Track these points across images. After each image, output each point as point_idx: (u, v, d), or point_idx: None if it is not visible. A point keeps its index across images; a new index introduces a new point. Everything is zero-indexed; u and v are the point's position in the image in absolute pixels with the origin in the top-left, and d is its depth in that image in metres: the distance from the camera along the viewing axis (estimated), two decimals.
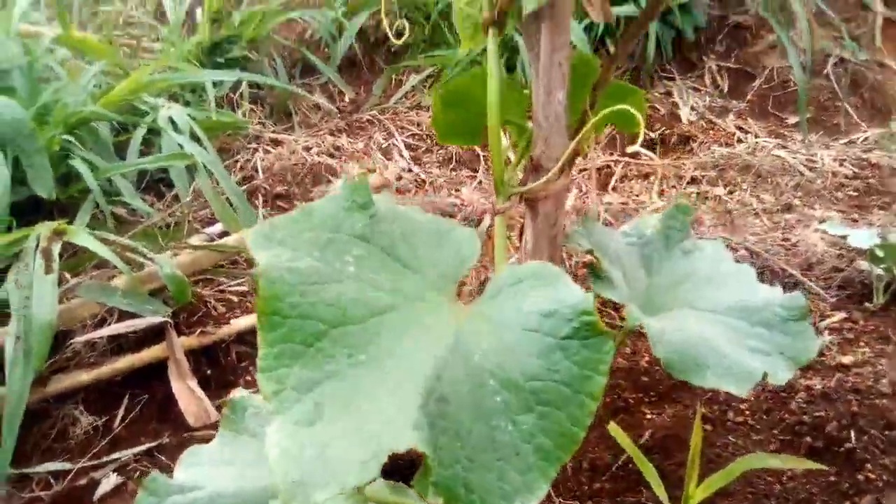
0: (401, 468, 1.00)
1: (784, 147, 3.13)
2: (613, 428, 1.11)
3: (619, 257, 1.11)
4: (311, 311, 0.70)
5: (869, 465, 1.24)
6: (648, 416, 1.46)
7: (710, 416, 1.44)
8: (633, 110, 0.89)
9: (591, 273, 1.04)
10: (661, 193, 2.87)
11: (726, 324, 1.00)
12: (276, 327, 0.68)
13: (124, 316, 1.75)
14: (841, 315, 1.84)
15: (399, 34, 1.53)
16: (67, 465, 1.53)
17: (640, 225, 1.19)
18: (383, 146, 3.06)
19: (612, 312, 1.89)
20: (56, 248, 1.73)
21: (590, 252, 1.06)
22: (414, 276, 0.78)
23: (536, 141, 0.97)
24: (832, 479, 1.23)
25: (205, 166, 2.26)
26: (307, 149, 2.89)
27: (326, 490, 0.58)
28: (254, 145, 2.88)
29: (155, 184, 2.58)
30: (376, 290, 0.74)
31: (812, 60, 3.49)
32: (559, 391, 0.68)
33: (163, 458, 1.55)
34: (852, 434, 1.30)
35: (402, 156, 2.99)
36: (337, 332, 0.70)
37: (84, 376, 1.66)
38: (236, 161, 2.78)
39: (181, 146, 2.35)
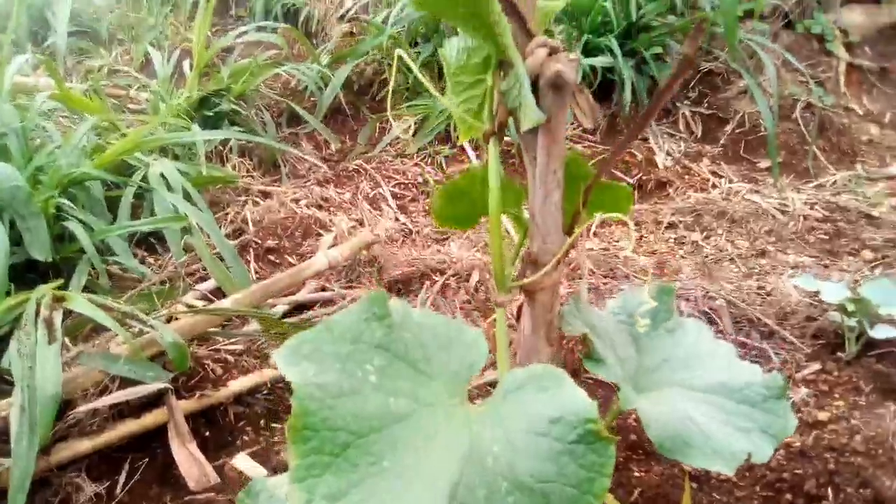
0: None
1: (757, 191, 3.25)
2: None
3: (609, 336, 1.18)
4: (339, 423, 0.76)
5: None
6: (637, 474, 1.53)
7: (695, 474, 1.51)
8: (625, 218, 0.98)
9: (585, 356, 1.11)
10: (639, 239, 2.97)
11: (711, 402, 1.08)
12: (307, 440, 0.74)
13: (125, 382, 1.79)
14: (816, 366, 1.94)
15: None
16: None
17: (627, 302, 1.27)
18: (370, 195, 3.13)
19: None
20: (58, 317, 1.77)
21: (583, 335, 1.13)
22: (429, 381, 0.85)
23: (534, 237, 1.04)
24: None
25: (198, 225, 2.31)
26: (296, 200, 2.95)
27: None
28: (243, 198, 2.94)
29: (146, 238, 2.63)
30: (396, 397, 0.80)
31: (780, 105, 3.64)
32: (566, 493, 0.75)
33: None
34: (829, 492, 1.38)
35: (388, 205, 3.06)
36: (362, 441, 0.76)
37: (86, 444, 1.69)
38: (226, 214, 2.83)
39: (174, 206, 2.41)
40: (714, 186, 3.33)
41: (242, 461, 1.71)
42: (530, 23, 0.92)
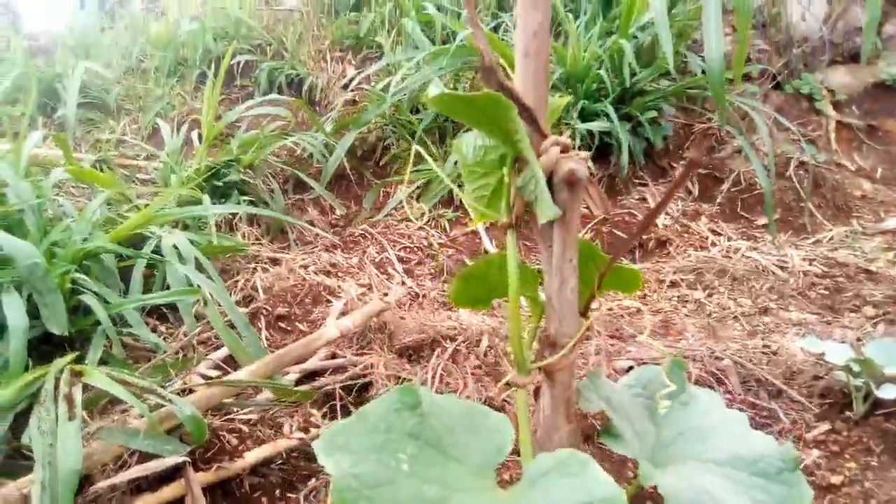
0: None
1: (755, 248, 3.32)
2: None
3: (625, 410, 1.22)
4: None
5: None
6: None
7: None
8: (638, 304, 1.02)
9: (603, 431, 1.14)
10: (643, 298, 3.02)
11: (727, 476, 1.11)
12: None
13: (143, 456, 1.81)
14: (825, 426, 1.96)
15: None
16: None
17: (642, 376, 1.31)
18: (377, 260, 3.19)
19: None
20: (78, 393, 1.80)
21: (601, 411, 1.17)
22: (459, 466, 0.88)
23: (551, 320, 1.09)
24: None
25: (211, 295, 2.36)
26: (304, 267, 3.01)
27: None
28: (253, 265, 2.99)
29: (157, 308, 2.66)
30: (429, 484, 0.84)
31: (775, 164, 3.74)
32: None
33: None
34: None
35: (395, 269, 3.12)
36: None
37: None
38: (236, 282, 2.88)
39: (187, 277, 2.46)
40: (713, 244, 3.40)
41: None
42: (542, 123, 0.98)
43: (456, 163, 3.57)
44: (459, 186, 3.50)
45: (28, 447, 1.78)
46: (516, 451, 1.02)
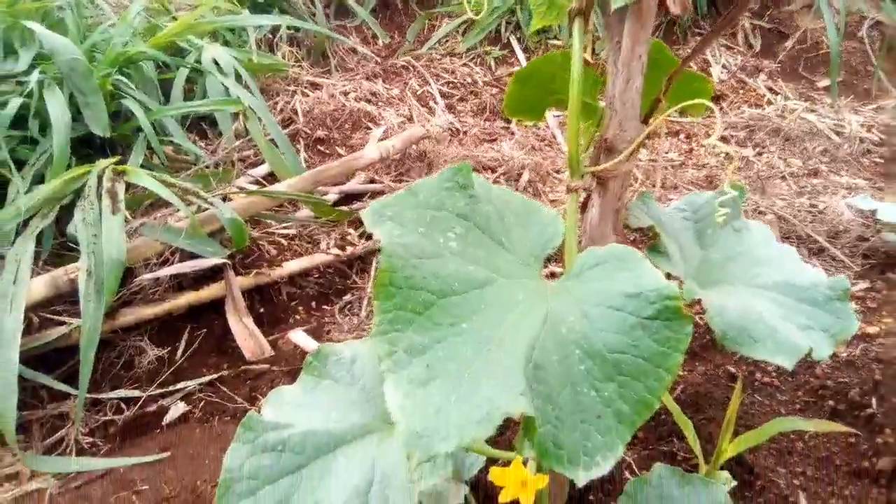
0: None
1: (813, 111, 3.16)
2: None
3: (675, 232, 1.19)
4: (421, 282, 0.78)
5: (888, 430, 1.34)
6: (680, 374, 1.56)
7: (738, 376, 1.54)
8: (706, 102, 0.96)
9: (651, 248, 1.12)
10: (689, 152, 2.92)
11: (775, 300, 1.09)
12: (392, 296, 0.77)
13: (185, 256, 1.85)
14: (865, 284, 1.93)
15: None
16: (137, 393, 1.65)
17: (693, 200, 1.27)
18: (418, 93, 3.10)
19: None
20: (120, 190, 1.82)
21: (650, 227, 1.14)
22: (507, 253, 0.87)
23: (610, 123, 1.04)
24: (852, 440, 1.34)
25: (251, 109, 2.32)
26: (345, 93, 2.93)
27: (448, 443, 0.68)
28: (292, 88, 2.93)
29: (197, 121, 2.64)
30: (476, 265, 0.83)
31: (846, 22, 3.48)
32: (639, 364, 0.78)
33: (224, 388, 1.67)
34: (874, 400, 1.41)
35: (436, 103, 3.03)
36: (443, 302, 0.79)
37: (149, 311, 1.77)
38: (276, 104, 2.83)
39: (226, 87, 2.41)
40: (769, 103, 3.24)
41: (297, 336, 1.78)
42: None
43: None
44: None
45: (73, 238, 1.83)
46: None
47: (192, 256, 1.85)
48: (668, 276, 1.06)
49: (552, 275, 0.87)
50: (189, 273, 1.84)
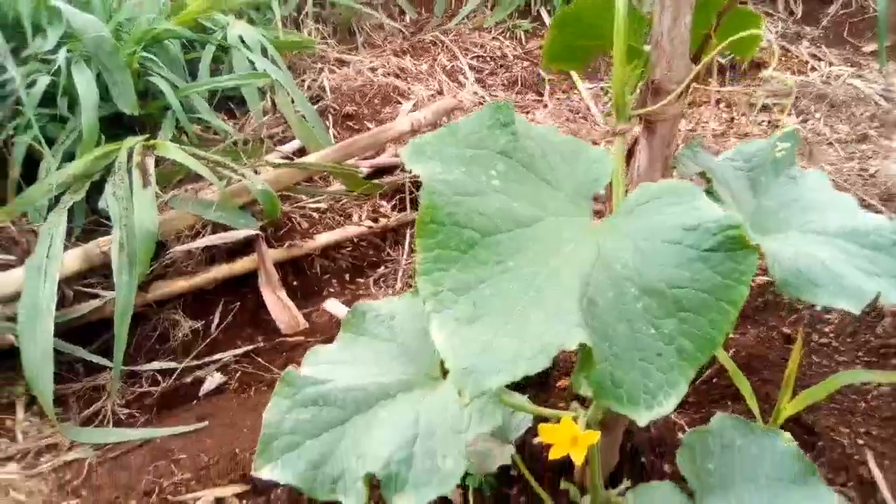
0: None
1: (859, 76, 3.03)
2: None
3: (726, 180, 1.13)
4: (464, 220, 0.74)
5: None
6: (732, 336, 1.50)
7: (795, 337, 1.47)
8: (756, 31, 0.90)
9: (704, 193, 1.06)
10: (730, 121, 2.83)
11: (836, 245, 1.02)
12: (434, 234, 0.73)
13: (217, 228, 1.82)
14: None
15: None
16: (173, 364, 1.63)
17: (745, 150, 1.20)
18: (447, 67, 3.04)
19: None
20: (151, 164, 1.80)
21: (700, 174, 1.08)
22: (552, 191, 0.82)
23: (658, 63, 0.98)
24: None
25: (279, 83, 2.29)
26: (373, 69, 2.89)
27: (499, 377, 0.64)
28: (319, 65, 2.89)
29: (224, 101, 2.62)
30: (520, 202, 0.78)
31: None
32: (701, 299, 0.72)
33: (260, 359, 1.64)
34: None
35: (466, 77, 2.98)
36: (488, 240, 0.74)
37: (182, 283, 1.75)
38: (303, 81, 2.79)
39: (252, 63, 2.38)
40: (813, 69, 3.12)
41: (332, 305, 1.75)
42: None
43: None
44: None
45: (104, 213, 1.81)
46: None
47: (224, 230, 1.83)
48: None
49: (597, 213, 0.82)
50: (221, 246, 1.82)
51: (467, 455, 0.84)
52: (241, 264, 1.81)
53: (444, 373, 0.99)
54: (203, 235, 1.81)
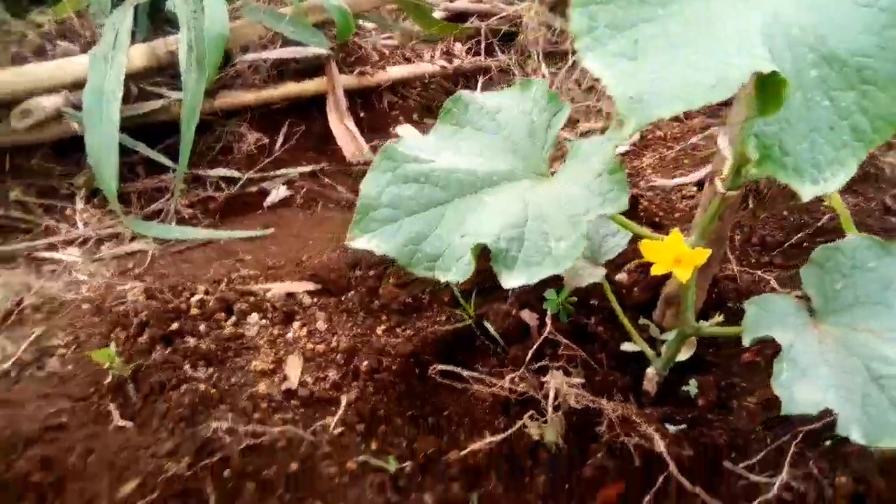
0: None
1: None
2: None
3: None
4: None
5: None
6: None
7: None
8: None
9: None
10: None
11: None
12: None
13: (287, 43, 1.74)
14: None
15: None
16: (237, 174, 1.59)
17: None
18: None
19: None
20: None
21: None
22: None
23: None
24: None
25: None
26: None
27: (671, 106, 0.57)
28: None
29: None
30: None
31: None
32: (888, 72, 0.64)
33: (326, 179, 1.59)
34: None
35: None
36: None
37: (249, 96, 1.68)
38: None
39: None
40: None
41: (406, 129, 1.68)
42: None
43: None
44: None
45: (171, 18, 1.72)
46: None
47: (295, 44, 1.74)
48: None
49: None
50: (291, 63, 1.74)
51: (587, 236, 0.77)
52: (311, 85, 1.74)
53: (552, 172, 0.92)
54: (274, 48, 1.72)
